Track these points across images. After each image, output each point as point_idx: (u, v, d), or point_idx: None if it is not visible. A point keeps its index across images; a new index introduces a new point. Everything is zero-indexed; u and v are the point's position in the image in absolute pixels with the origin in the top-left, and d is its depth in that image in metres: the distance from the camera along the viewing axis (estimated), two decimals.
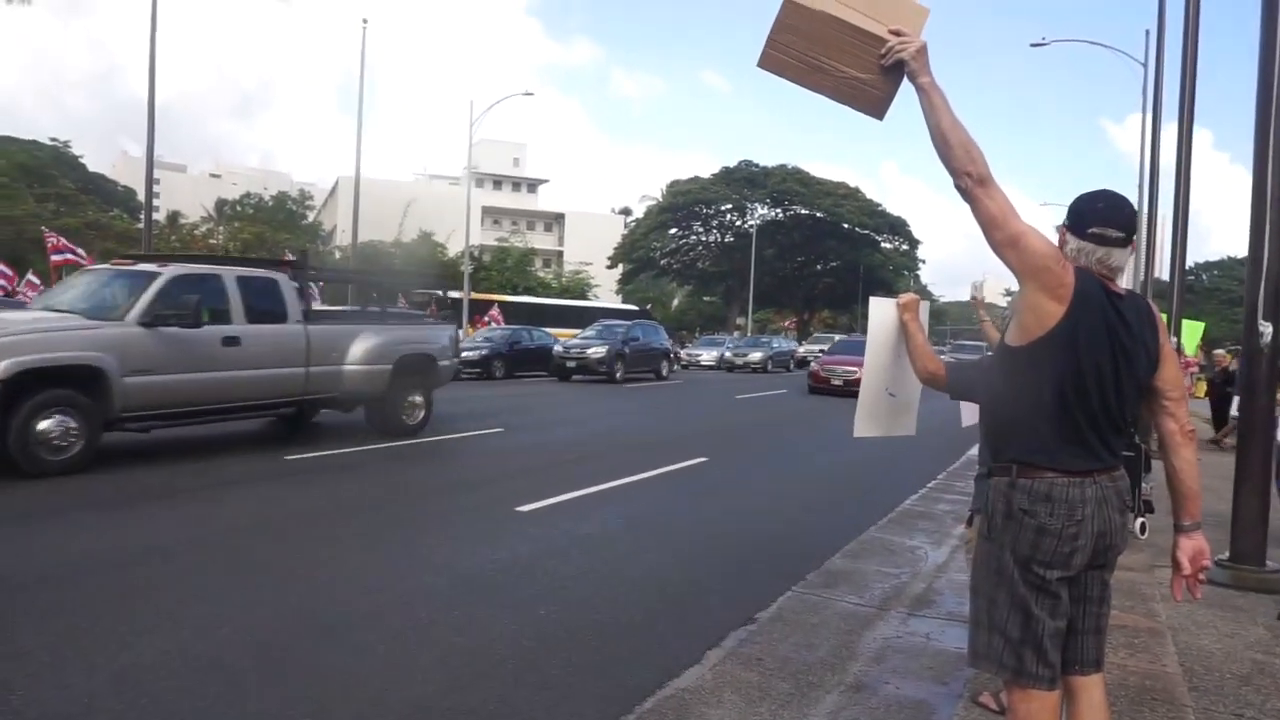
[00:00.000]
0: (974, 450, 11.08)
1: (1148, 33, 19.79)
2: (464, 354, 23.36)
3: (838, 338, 34.44)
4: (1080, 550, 2.20)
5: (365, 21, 27.22)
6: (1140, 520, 2.55)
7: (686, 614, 4.74)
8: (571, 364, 23.42)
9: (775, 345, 38.43)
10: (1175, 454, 2.32)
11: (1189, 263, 12.01)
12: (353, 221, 25.41)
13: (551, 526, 6.55)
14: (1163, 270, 18.31)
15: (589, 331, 25.53)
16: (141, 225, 24.80)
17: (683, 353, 35.84)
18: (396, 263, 43.37)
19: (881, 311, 3.13)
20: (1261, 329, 5.51)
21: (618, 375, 23.32)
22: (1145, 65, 20.38)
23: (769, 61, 2.41)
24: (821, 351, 28.93)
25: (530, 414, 15.00)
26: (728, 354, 35.33)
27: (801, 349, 40.48)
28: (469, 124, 33.85)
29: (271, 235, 44.15)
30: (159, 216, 51.13)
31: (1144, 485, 6.36)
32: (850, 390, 18.02)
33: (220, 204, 56.89)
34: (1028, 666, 2.23)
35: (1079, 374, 2.17)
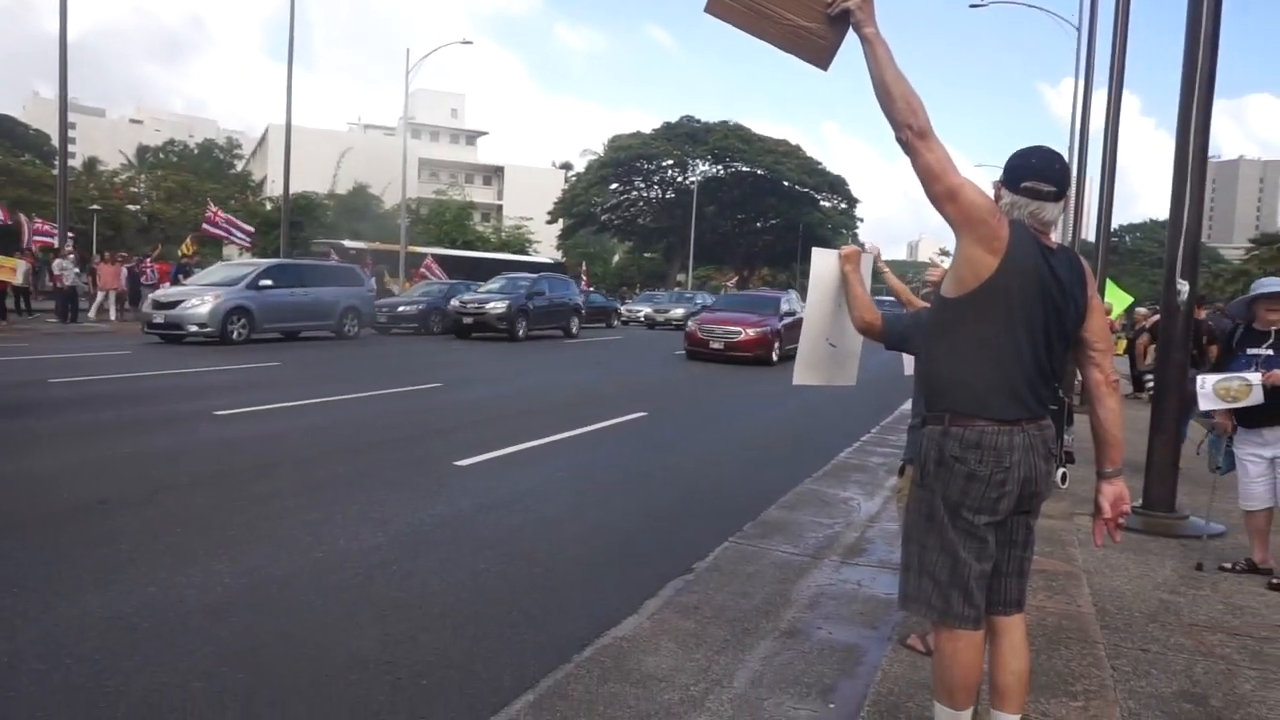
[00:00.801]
0: (908, 404, 11.38)
1: None
2: (400, 309, 22.97)
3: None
4: (1008, 496, 2.28)
5: None
6: (1061, 470, 2.65)
7: (625, 566, 4.79)
8: (469, 320, 21.27)
9: (700, 300, 35.94)
10: (1100, 403, 2.41)
11: (1115, 224, 12.39)
12: (284, 171, 24.51)
13: (491, 481, 6.53)
14: (1089, 231, 18.91)
15: (491, 285, 23.26)
16: (56, 172, 23.57)
17: (623, 309, 35.72)
18: (330, 215, 42.26)
19: (823, 262, 3.16)
20: (1179, 287, 5.73)
21: (520, 333, 21.45)
22: (1079, 29, 20.76)
23: (716, 6, 2.40)
24: None
25: (471, 369, 14.86)
26: (649, 310, 34.18)
27: (625, 309, 38.61)
28: (405, 73, 32.85)
29: (197, 185, 42.45)
30: (75, 163, 48.74)
31: (1066, 436, 6.64)
32: (733, 356, 17.56)
33: (142, 151, 54.39)
34: (954, 608, 2.31)
35: (1011, 325, 2.23)
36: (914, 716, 2.99)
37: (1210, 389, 4.71)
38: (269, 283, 17.78)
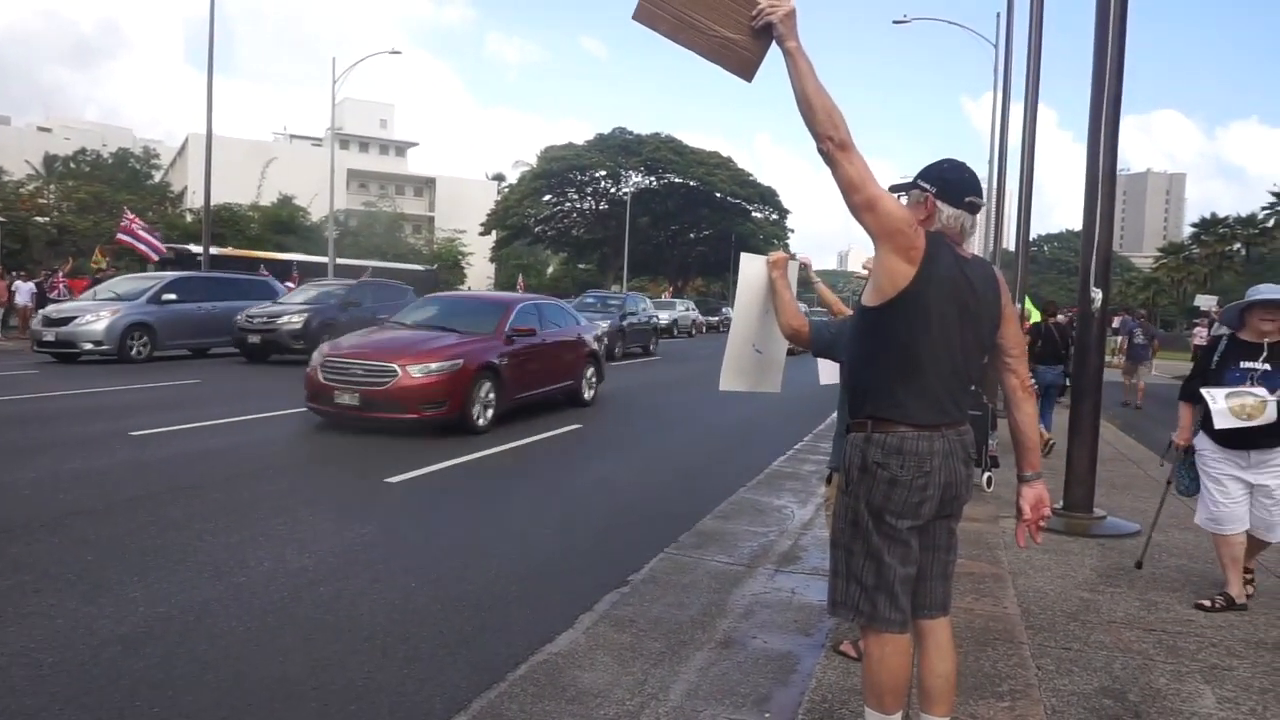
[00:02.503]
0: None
1: (999, 15, 20.92)
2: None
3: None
4: (929, 500, 2.33)
5: None
6: (987, 474, 2.74)
7: (560, 581, 4.74)
8: (255, 339, 16.37)
9: (634, 305, 36.63)
10: (1017, 408, 2.48)
11: (1033, 234, 12.86)
12: (205, 182, 23.76)
13: (421, 498, 6.41)
14: (1009, 241, 19.57)
15: (298, 295, 18.43)
16: None
17: None
18: (254, 227, 41.13)
19: (752, 268, 3.18)
20: (1093, 294, 5.95)
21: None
22: (996, 46, 21.54)
23: (642, 14, 2.42)
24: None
25: None
26: None
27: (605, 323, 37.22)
28: (332, 82, 32.22)
29: (112, 196, 40.80)
30: None
31: (990, 442, 6.83)
32: (378, 420, 8.89)
33: (50, 160, 52.06)
34: (881, 611, 2.34)
35: (928, 333, 2.28)
36: None
37: (1224, 406, 4.21)
38: (173, 296, 16.60)
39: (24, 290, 21.50)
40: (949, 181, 2.39)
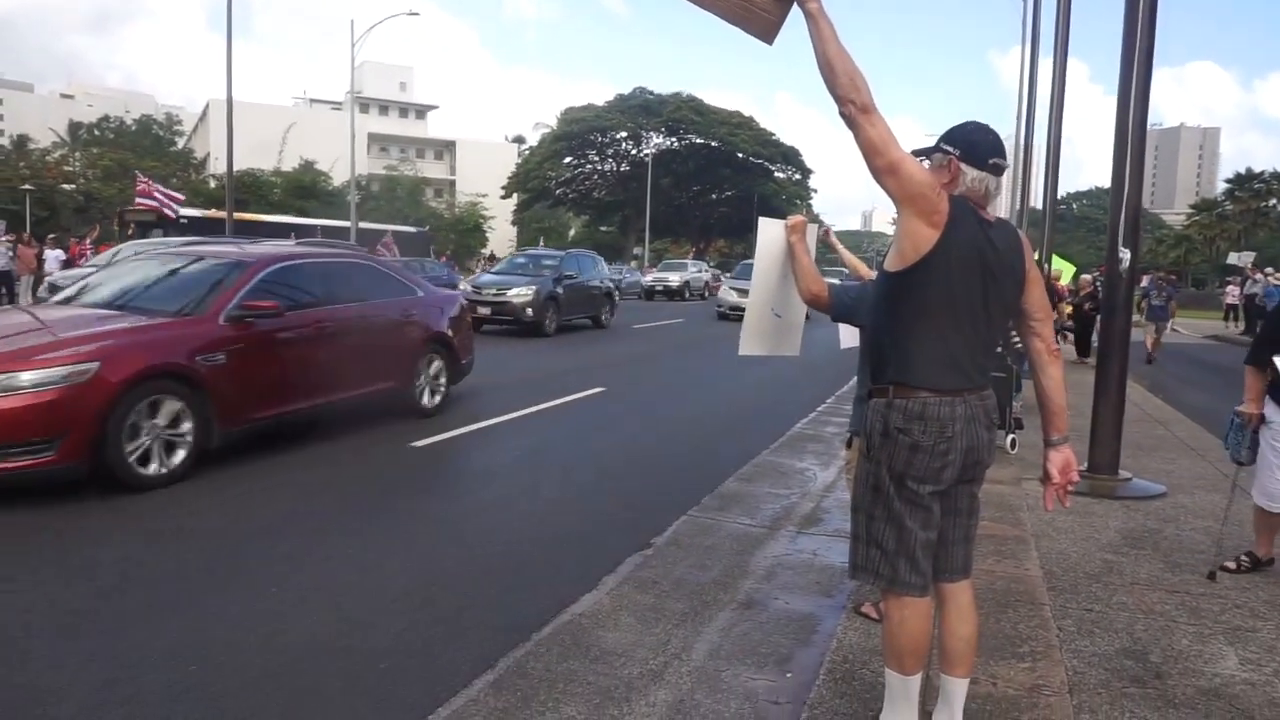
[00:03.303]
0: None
1: None
2: None
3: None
4: (951, 465, 2.33)
5: None
6: (1011, 436, 2.73)
7: (584, 543, 4.80)
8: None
9: (572, 271, 32.44)
10: (1043, 372, 2.46)
11: (1061, 192, 12.64)
12: (227, 148, 23.82)
13: (447, 461, 6.49)
14: (1036, 199, 19.25)
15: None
16: None
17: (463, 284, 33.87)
18: (277, 193, 41.28)
19: (770, 232, 3.16)
20: (1121, 254, 5.86)
21: None
22: None
23: None
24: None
25: None
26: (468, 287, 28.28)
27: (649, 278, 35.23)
28: (351, 44, 32.04)
29: (136, 162, 41.10)
30: (2, 141, 46.83)
31: (1014, 403, 6.78)
32: None
33: (75, 128, 52.42)
34: (901, 575, 2.36)
35: (952, 297, 2.26)
36: (868, 683, 3.05)
37: None
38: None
39: (53, 258, 21.77)
40: (974, 143, 2.35)
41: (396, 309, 7.91)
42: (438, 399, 8.27)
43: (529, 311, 16.44)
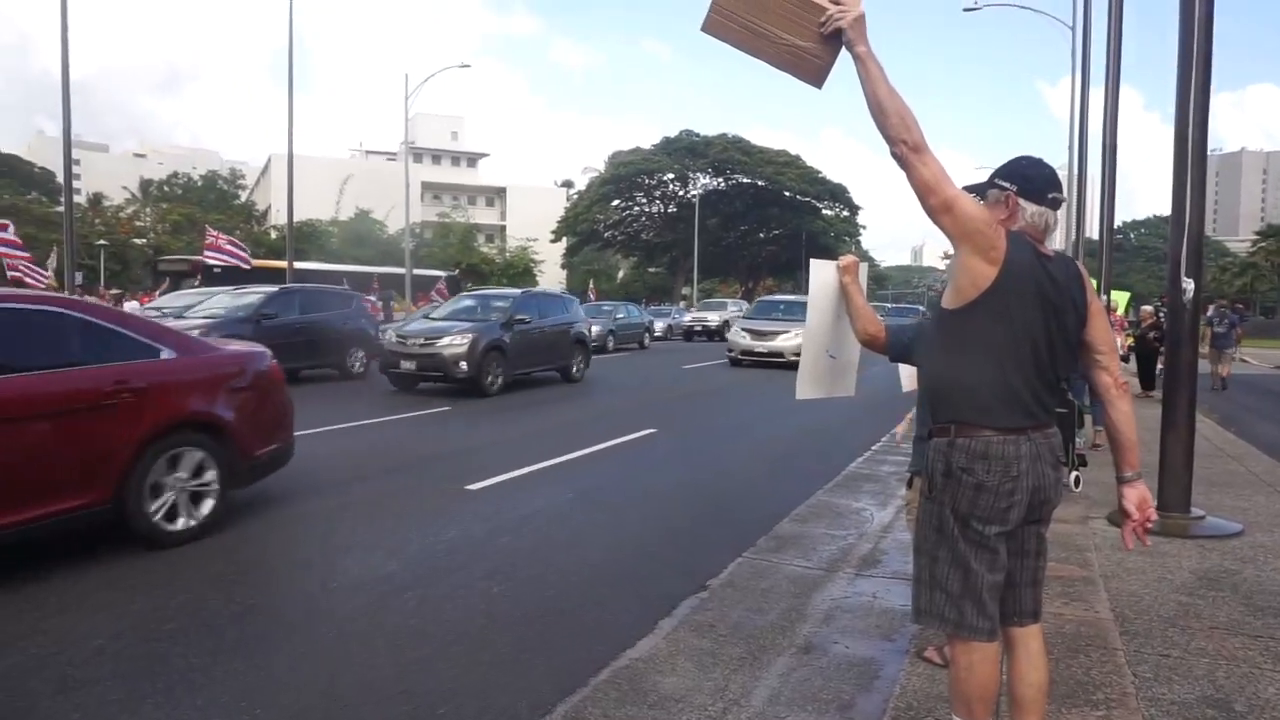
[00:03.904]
0: (915, 413, 11.33)
1: None
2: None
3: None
4: (1017, 505, 2.27)
5: None
6: (1075, 474, 2.65)
7: (639, 586, 4.77)
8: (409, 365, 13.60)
9: (621, 314, 28.14)
10: (1112, 407, 2.40)
11: (1117, 222, 12.40)
12: (287, 200, 24.68)
13: (501, 504, 6.53)
14: (1093, 230, 18.90)
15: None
16: (61, 209, 23.77)
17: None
18: (334, 241, 42.47)
19: (822, 274, 3.15)
20: (1184, 285, 5.71)
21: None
22: (1073, 28, 20.80)
23: (712, 26, 2.43)
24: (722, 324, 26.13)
25: (469, 392, 14.86)
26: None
27: (660, 323, 32.59)
28: (405, 98, 33.11)
29: (202, 216, 42.76)
30: (80, 199, 49.05)
31: (1077, 440, 6.61)
32: None
33: (145, 184, 54.80)
34: (968, 619, 2.30)
35: (1012, 334, 2.23)
36: None
37: None
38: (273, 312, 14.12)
39: (131, 309, 22.70)
40: (1030, 178, 2.34)
41: (98, 380, 4.97)
42: (197, 517, 5.37)
43: (462, 365, 12.99)
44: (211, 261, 23.34)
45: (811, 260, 3.23)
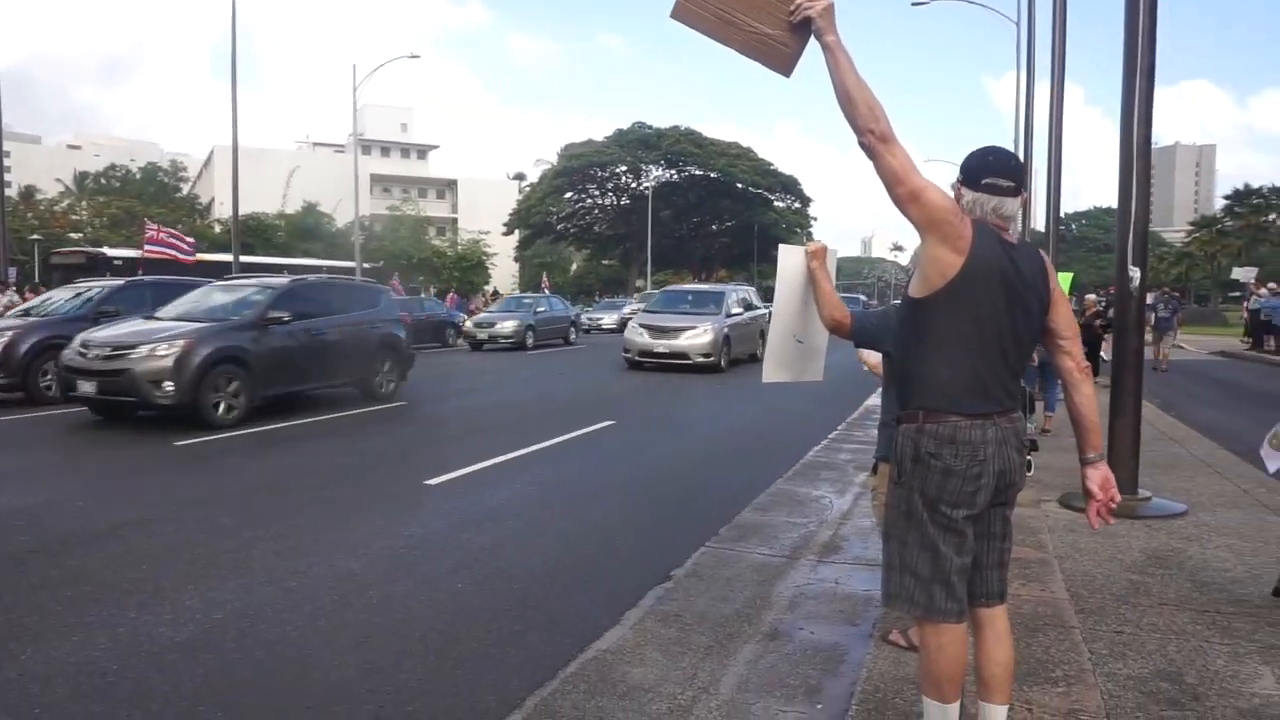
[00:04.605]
0: (872, 400, 11.50)
1: None
2: None
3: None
4: (984, 489, 2.32)
5: None
6: (1026, 458, 2.71)
7: (604, 578, 4.77)
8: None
9: (542, 308, 26.20)
10: (1074, 390, 2.45)
11: (1060, 213, 12.70)
12: (232, 193, 24.09)
13: (462, 498, 6.47)
14: (1037, 220, 19.35)
15: None
16: None
17: (584, 318, 35.14)
18: (281, 235, 41.59)
19: (790, 259, 3.17)
20: (1131, 273, 5.87)
21: None
22: (1018, 23, 21.22)
23: (681, 12, 2.43)
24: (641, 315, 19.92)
25: (427, 386, 14.72)
26: (469, 325, 24.75)
27: (611, 316, 32.60)
28: (353, 88, 32.50)
29: (142, 209, 41.50)
30: (11, 192, 47.24)
31: (1027, 425, 6.77)
32: None
33: (81, 177, 53.01)
34: (937, 602, 2.34)
35: (979, 321, 2.27)
36: (901, 712, 3.01)
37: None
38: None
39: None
40: (970, 167, 2.38)
41: None
42: None
43: (166, 387, 9.34)
44: (153, 257, 22.45)
45: (780, 245, 3.25)
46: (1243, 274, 31.04)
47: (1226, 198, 63.30)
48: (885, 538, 2.49)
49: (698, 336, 16.80)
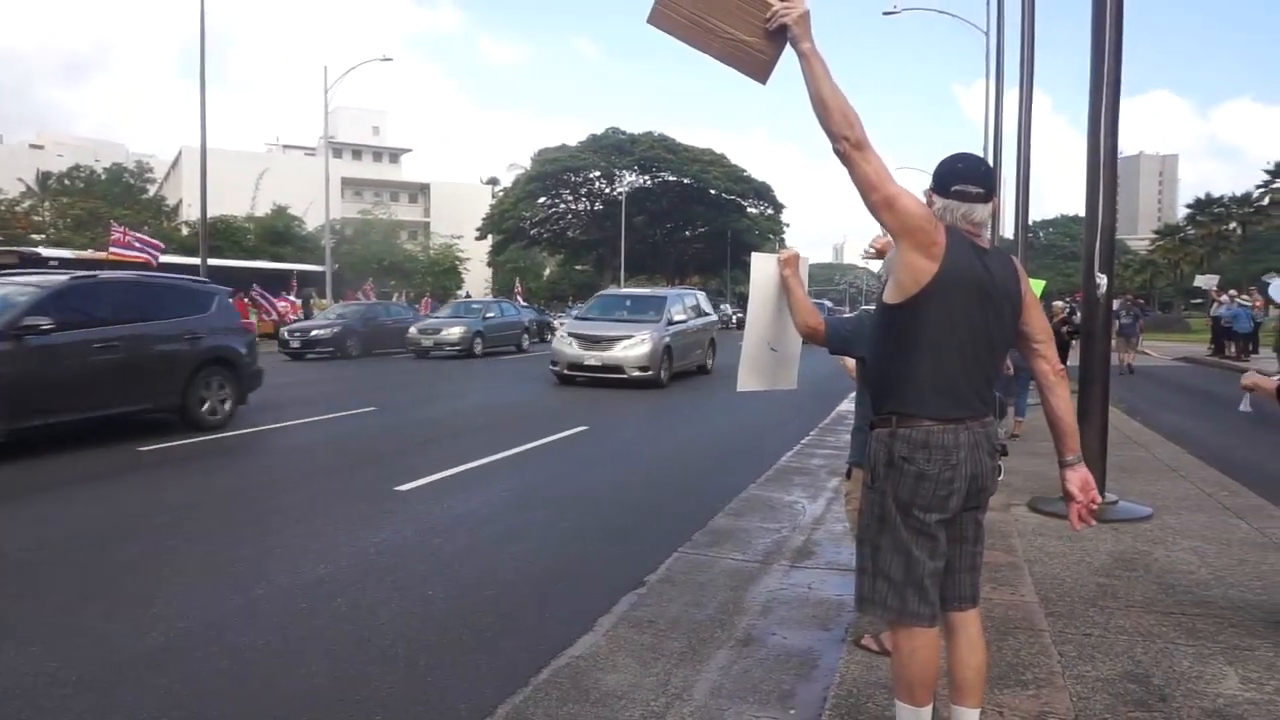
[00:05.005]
0: (844, 405, 11.58)
1: (988, 1, 20.88)
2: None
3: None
4: (956, 493, 2.33)
5: None
6: (997, 463, 2.75)
7: (576, 584, 4.75)
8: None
9: (492, 313, 24.85)
10: (1051, 393, 2.47)
11: (1029, 220, 12.89)
12: (200, 195, 23.73)
13: (434, 505, 6.41)
14: (1006, 228, 19.60)
15: None
16: None
17: (556, 324, 34.72)
18: (250, 238, 41.06)
19: (762, 266, 3.18)
20: (1099, 280, 5.95)
21: None
22: (987, 33, 21.52)
23: (658, 19, 2.43)
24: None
25: (401, 392, 14.62)
26: (413, 331, 22.91)
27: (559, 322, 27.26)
28: (324, 90, 32.22)
29: (107, 211, 40.76)
30: None
31: (999, 430, 6.84)
32: None
33: (44, 177, 51.96)
34: (910, 606, 2.35)
35: (952, 327, 2.28)
36: (875, 716, 3.02)
37: None
38: None
39: None
40: (939, 174, 2.40)
41: None
42: None
43: None
44: (119, 259, 21.76)
45: (753, 253, 3.25)
46: (1205, 281, 31.67)
47: (1189, 206, 64.63)
48: (859, 542, 2.50)
49: (633, 347, 14.85)
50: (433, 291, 43.10)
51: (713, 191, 61.11)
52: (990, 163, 16.64)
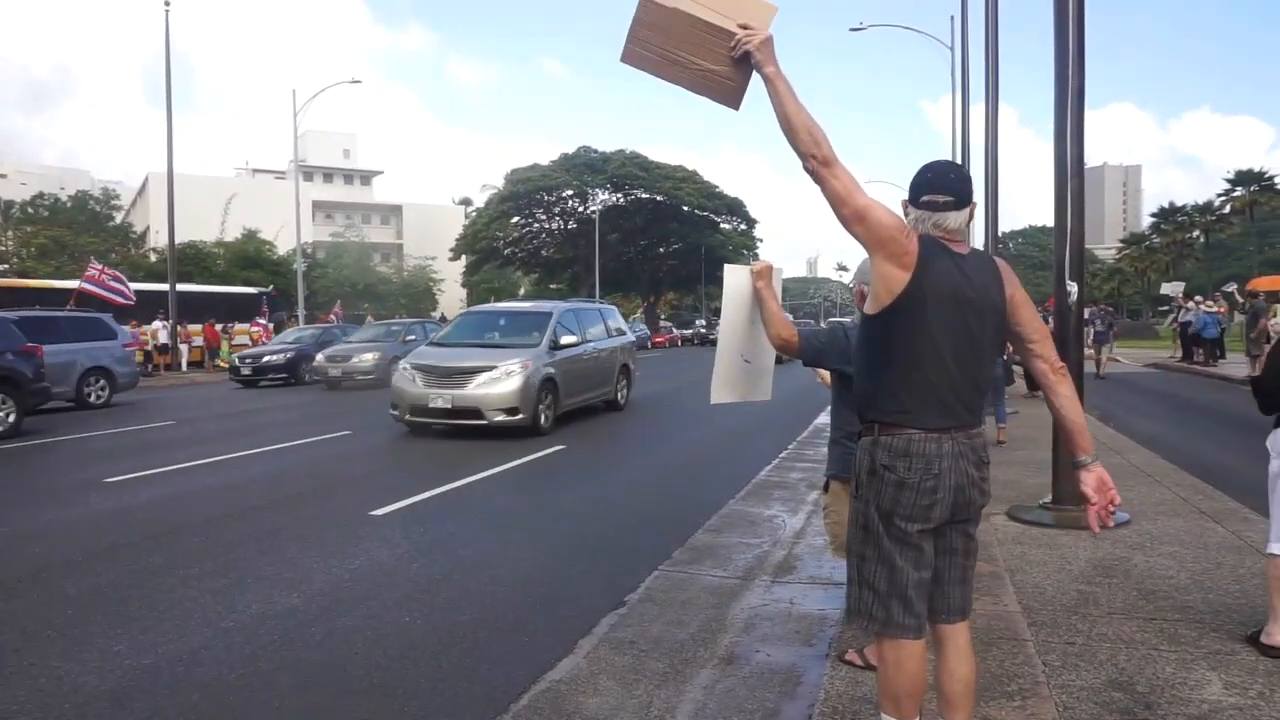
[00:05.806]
0: (821, 418, 11.59)
1: (952, 18, 21.23)
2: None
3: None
4: (939, 504, 2.29)
5: (168, 4, 24.99)
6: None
7: (556, 606, 4.67)
8: None
9: (413, 336, 20.16)
10: (1054, 392, 2.40)
11: (999, 231, 13.04)
12: (168, 221, 23.45)
13: (409, 529, 6.30)
14: (976, 239, 19.84)
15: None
16: None
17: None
18: (220, 264, 40.65)
19: (736, 279, 3.16)
20: (1069, 288, 6.00)
21: None
22: (952, 49, 21.85)
23: (630, 57, 2.53)
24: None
25: (374, 415, 14.43)
26: (320, 358, 19.58)
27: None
28: (293, 114, 32.03)
29: (73, 239, 40.18)
30: None
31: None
32: None
33: (6, 206, 51.16)
34: (895, 617, 2.31)
35: (930, 335, 2.26)
36: None
37: None
38: None
39: None
40: (912, 185, 2.41)
41: None
42: None
43: None
44: (88, 294, 21.00)
45: (726, 265, 3.23)
46: (1171, 289, 32.19)
47: (1153, 215, 65.83)
48: (848, 553, 2.47)
49: (495, 383, 10.80)
50: (407, 314, 42.75)
51: (686, 208, 61.36)
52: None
